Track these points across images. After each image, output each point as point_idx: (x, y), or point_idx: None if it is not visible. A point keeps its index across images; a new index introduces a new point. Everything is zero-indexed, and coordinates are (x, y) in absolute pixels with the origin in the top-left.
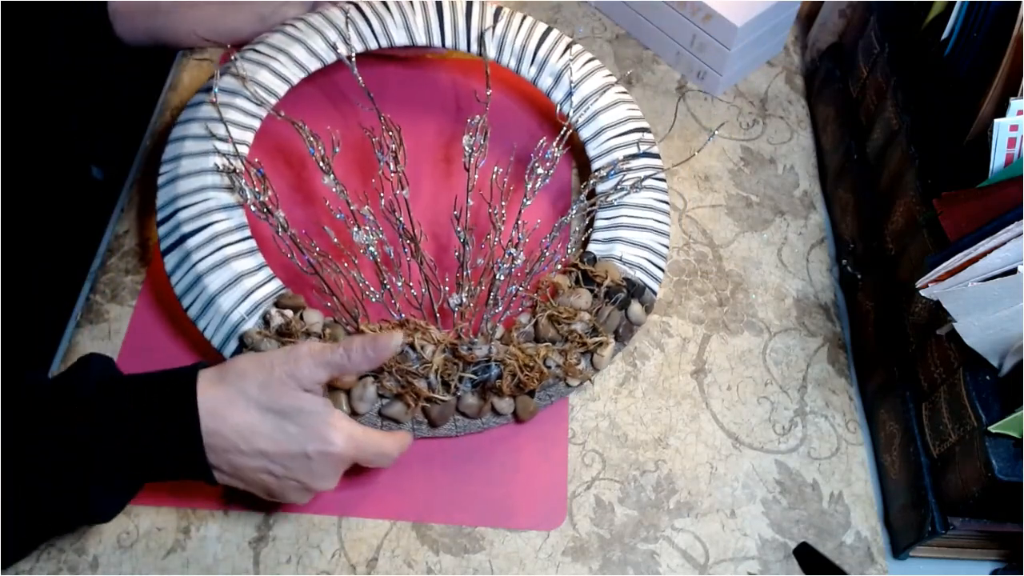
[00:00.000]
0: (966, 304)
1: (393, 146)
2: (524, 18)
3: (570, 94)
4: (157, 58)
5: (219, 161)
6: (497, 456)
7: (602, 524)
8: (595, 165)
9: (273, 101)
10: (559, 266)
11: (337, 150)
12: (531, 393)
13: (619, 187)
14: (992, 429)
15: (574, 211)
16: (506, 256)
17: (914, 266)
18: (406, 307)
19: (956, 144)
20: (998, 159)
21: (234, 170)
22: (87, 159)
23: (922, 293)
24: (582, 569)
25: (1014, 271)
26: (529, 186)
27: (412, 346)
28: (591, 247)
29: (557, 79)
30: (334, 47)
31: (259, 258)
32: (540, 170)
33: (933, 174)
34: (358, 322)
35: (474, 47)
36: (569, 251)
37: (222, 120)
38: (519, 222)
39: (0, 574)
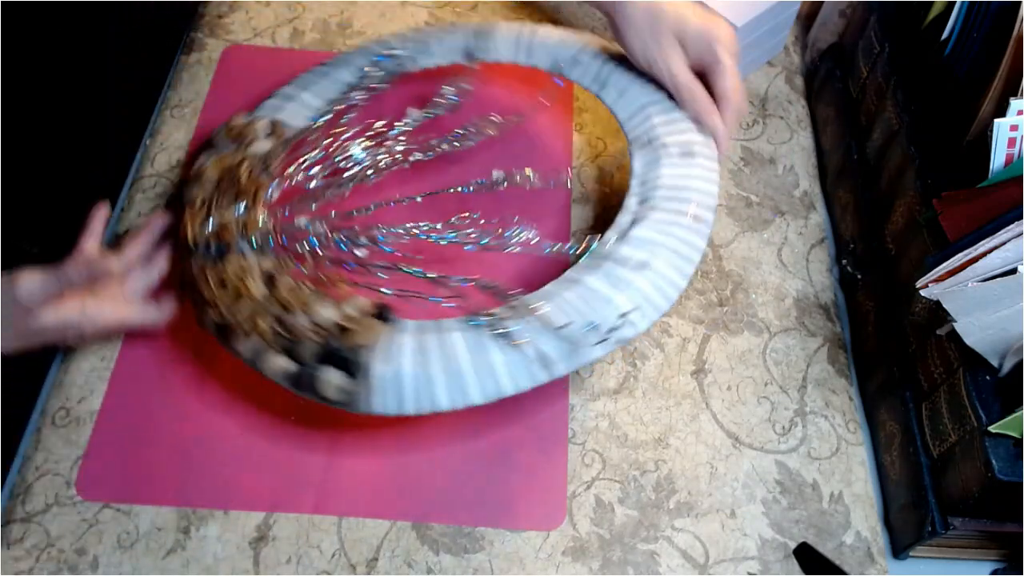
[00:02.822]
0: (966, 304)
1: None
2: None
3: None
4: (157, 58)
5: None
6: (497, 456)
7: (602, 524)
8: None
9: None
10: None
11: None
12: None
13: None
14: (992, 429)
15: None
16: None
17: (914, 266)
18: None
19: (956, 144)
20: (998, 159)
21: None
22: (88, 157)
23: (922, 293)
24: (582, 569)
25: (1014, 271)
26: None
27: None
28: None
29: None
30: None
31: None
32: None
33: (933, 174)
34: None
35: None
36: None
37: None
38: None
39: None
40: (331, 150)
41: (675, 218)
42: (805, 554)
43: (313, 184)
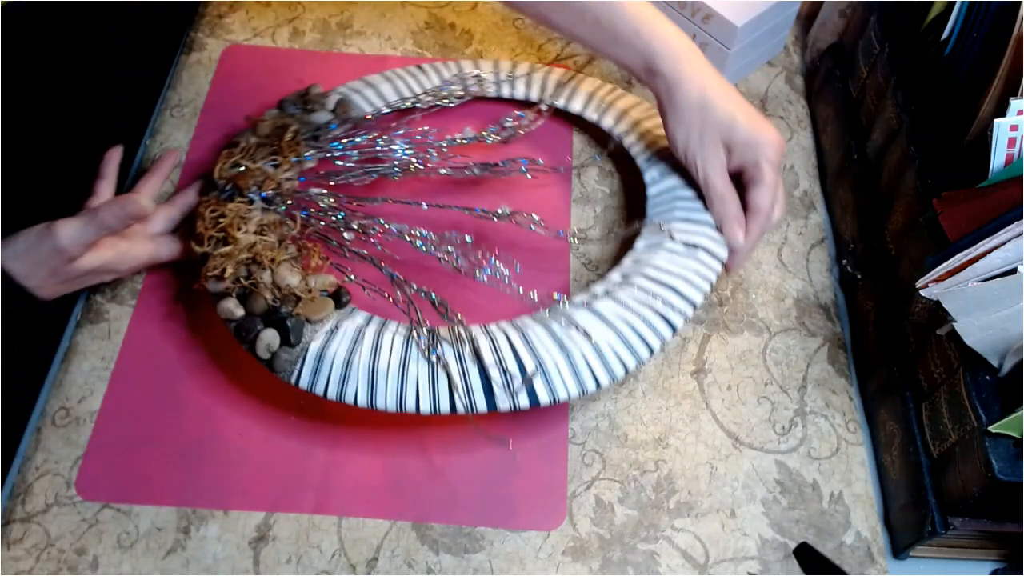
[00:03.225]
0: (966, 304)
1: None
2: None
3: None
4: (157, 58)
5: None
6: (497, 456)
7: (602, 524)
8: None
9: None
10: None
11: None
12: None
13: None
14: (992, 429)
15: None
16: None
17: (914, 266)
18: None
19: (956, 144)
20: (998, 159)
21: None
22: (88, 157)
23: (922, 293)
24: (582, 569)
25: (1014, 271)
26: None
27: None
28: None
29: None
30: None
31: None
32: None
33: (933, 174)
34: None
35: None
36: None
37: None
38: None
39: None
40: (376, 139)
41: (644, 298)
42: (805, 554)
43: (345, 163)
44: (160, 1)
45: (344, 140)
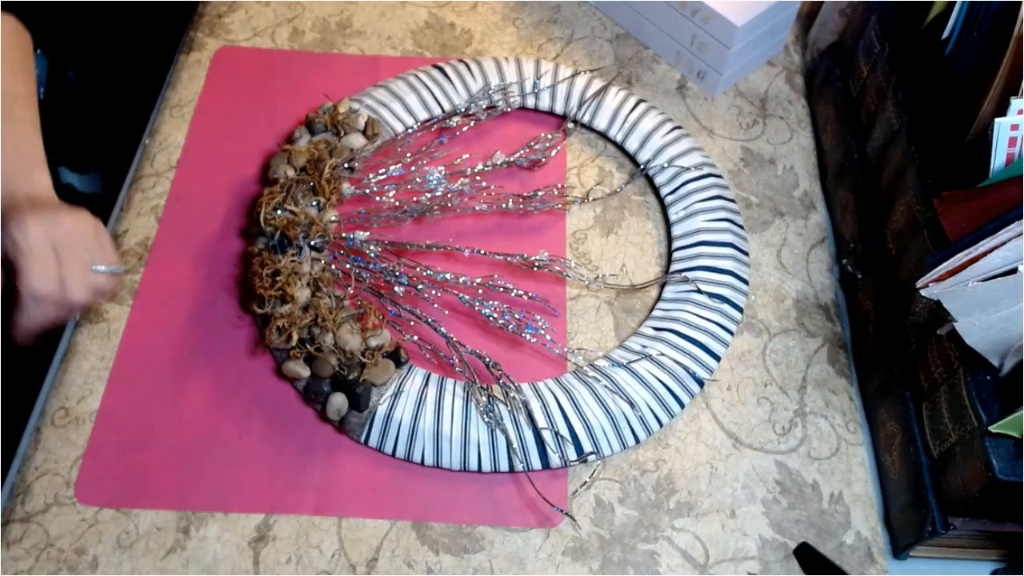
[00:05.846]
0: (966, 304)
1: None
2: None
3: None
4: (157, 58)
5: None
6: None
7: (602, 524)
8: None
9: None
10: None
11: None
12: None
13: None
14: (992, 429)
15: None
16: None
17: (914, 266)
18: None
19: (956, 144)
20: (998, 159)
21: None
22: (84, 159)
23: (922, 293)
24: (582, 569)
25: (1014, 271)
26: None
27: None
28: None
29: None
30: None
31: None
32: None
33: (933, 174)
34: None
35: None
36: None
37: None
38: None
39: None
40: (411, 169)
41: (677, 356)
42: (805, 554)
43: (383, 199)
44: (160, 1)
45: (379, 171)
